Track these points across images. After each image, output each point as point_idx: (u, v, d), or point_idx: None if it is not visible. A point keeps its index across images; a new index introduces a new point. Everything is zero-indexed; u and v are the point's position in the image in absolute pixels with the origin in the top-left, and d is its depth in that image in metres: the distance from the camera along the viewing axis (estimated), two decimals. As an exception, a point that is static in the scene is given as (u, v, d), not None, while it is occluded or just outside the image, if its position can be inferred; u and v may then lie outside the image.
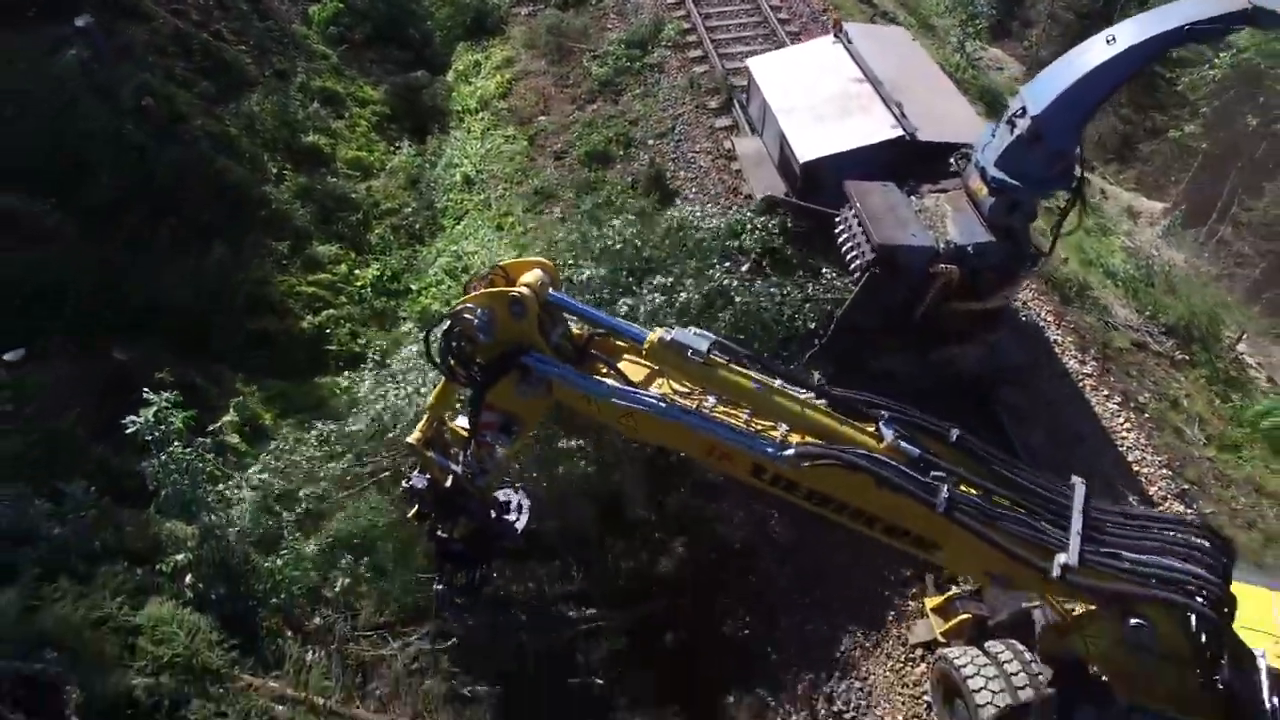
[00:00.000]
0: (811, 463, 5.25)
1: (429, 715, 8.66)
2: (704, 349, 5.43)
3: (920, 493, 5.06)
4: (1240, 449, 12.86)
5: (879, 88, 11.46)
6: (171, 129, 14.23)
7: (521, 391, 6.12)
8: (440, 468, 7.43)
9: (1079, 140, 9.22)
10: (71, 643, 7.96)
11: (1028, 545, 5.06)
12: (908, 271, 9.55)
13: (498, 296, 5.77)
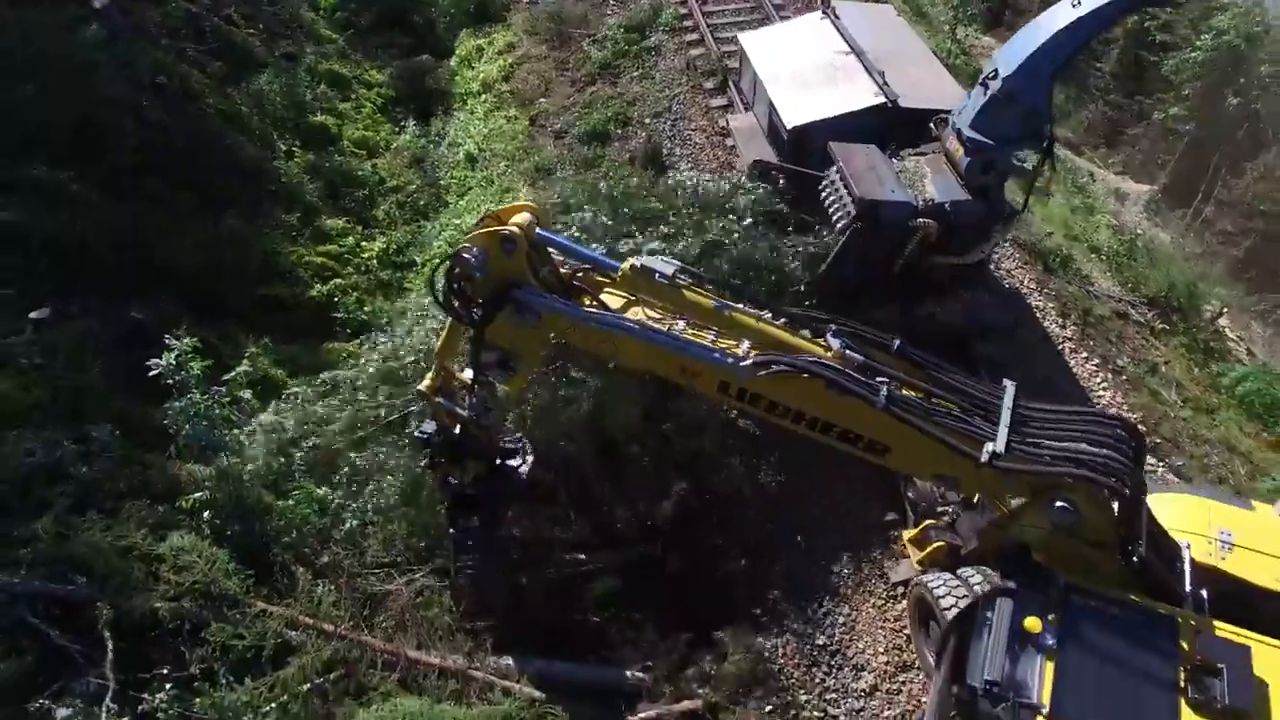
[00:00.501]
0: (767, 371, 5.81)
1: (432, 645, 9.14)
2: (669, 273, 6.13)
3: (862, 391, 5.62)
4: (1215, 412, 13.32)
5: (863, 58, 11.98)
6: (185, 107, 14.79)
7: (515, 322, 6.69)
8: (448, 413, 8.02)
9: (1048, 100, 9.72)
10: (100, 569, 8.51)
11: (960, 436, 5.61)
12: (888, 226, 10.04)
13: (490, 236, 6.41)
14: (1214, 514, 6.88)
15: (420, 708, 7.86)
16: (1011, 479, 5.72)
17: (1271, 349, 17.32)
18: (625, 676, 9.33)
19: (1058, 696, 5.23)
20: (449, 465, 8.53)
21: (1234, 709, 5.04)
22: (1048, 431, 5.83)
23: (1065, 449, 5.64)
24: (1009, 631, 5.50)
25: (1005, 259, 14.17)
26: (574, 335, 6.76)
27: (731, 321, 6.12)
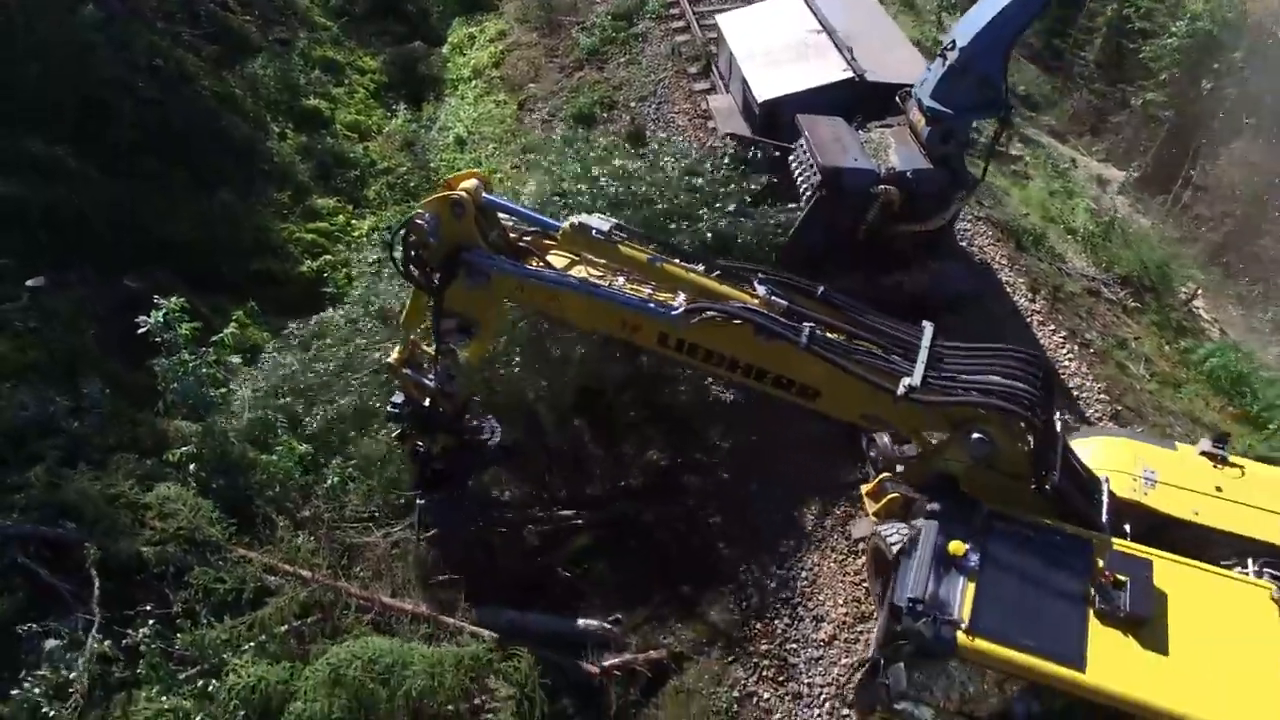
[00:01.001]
0: (699, 318, 6.15)
1: (406, 593, 9.51)
2: (605, 229, 6.54)
3: (786, 333, 6.00)
4: (1181, 386, 13.58)
5: (833, 36, 12.33)
6: (180, 88, 15.22)
7: (468, 285, 7.11)
8: (416, 384, 8.39)
9: (1003, 69, 10.05)
10: (89, 514, 8.92)
11: (879, 373, 5.99)
12: (851, 193, 10.38)
13: (440, 201, 6.86)
14: (1140, 454, 7.20)
15: (390, 646, 8.19)
16: (930, 413, 6.04)
17: (1246, 330, 17.53)
18: (593, 627, 9.65)
19: (976, 612, 5.53)
20: (418, 436, 8.95)
21: (1135, 616, 5.36)
22: (962, 366, 6.16)
23: (977, 382, 5.96)
24: (933, 553, 5.81)
25: (978, 235, 14.48)
26: (523, 295, 7.20)
27: (664, 273, 6.51)
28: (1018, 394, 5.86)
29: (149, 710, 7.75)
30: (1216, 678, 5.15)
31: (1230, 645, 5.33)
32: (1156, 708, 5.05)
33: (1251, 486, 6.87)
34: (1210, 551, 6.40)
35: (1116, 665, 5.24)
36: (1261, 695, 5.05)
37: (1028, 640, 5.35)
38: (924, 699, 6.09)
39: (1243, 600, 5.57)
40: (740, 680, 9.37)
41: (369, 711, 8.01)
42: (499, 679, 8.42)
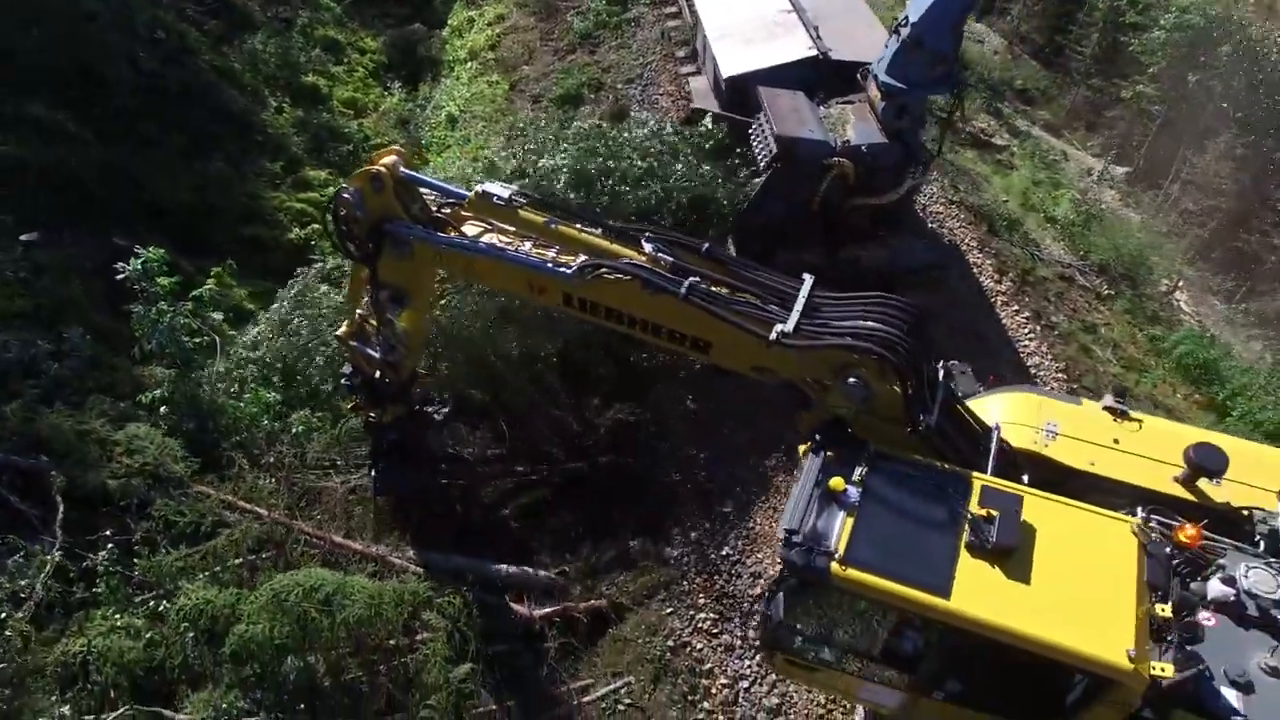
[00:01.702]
0: (592, 275, 6.54)
1: (358, 536, 9.91)
2: (506, 195, 7.02)
3: (668, 286, 6.33)
4: (1147, 371, 13.66)
5: (802, 15, 12.59)
6: (181, 59, 15.81)
7: (394, 256, 7.58)
8: (364, 356, 8.79)
9: (954, 44, 10.26)
10: (60, 447, 9.41)
11: (754, 320, 6.27)
12: (805, 163, 10.64)
13: (361, 175, 7.38)
14: (1044, 408, 7.38)
15: (332, 577, 8.58)
16: (807, 359, 6.28)
17: (1224, 323, 17.48)
18: (539, 576, 10.00)
19: (852, 543, 5.72)
20: (369, 406, 9.37)
21: (1001, 547, 5.56)
22: (836, 314, 6.39)
23: (848, 327, 6.19)
24: (813, 487, 6.02)
25: (949, 218, 14.66)
26: (444, 263, 7.63)
27: (560, 235, 6.91)
28: (883, 337, 6.07)
29: (103, 626, 8.19)
30: (1070, 603, 5.36)
31: (1088, 574, 5.52)
32: (1009, 630, 5.27)
33: (1147, 439, 7.04)
34: (1106, 500, 6.58)
35: (979, 593, 5.45)
36: (1110, 620, 5.25)
37: (898, 570, 5.56)
38: (817, 635, 6.37)
39: (1106, 533, 5.77)
40: (676, 631, 9.67)
41: (311, 638, 8.42)
42: (434, 613, 8.76)
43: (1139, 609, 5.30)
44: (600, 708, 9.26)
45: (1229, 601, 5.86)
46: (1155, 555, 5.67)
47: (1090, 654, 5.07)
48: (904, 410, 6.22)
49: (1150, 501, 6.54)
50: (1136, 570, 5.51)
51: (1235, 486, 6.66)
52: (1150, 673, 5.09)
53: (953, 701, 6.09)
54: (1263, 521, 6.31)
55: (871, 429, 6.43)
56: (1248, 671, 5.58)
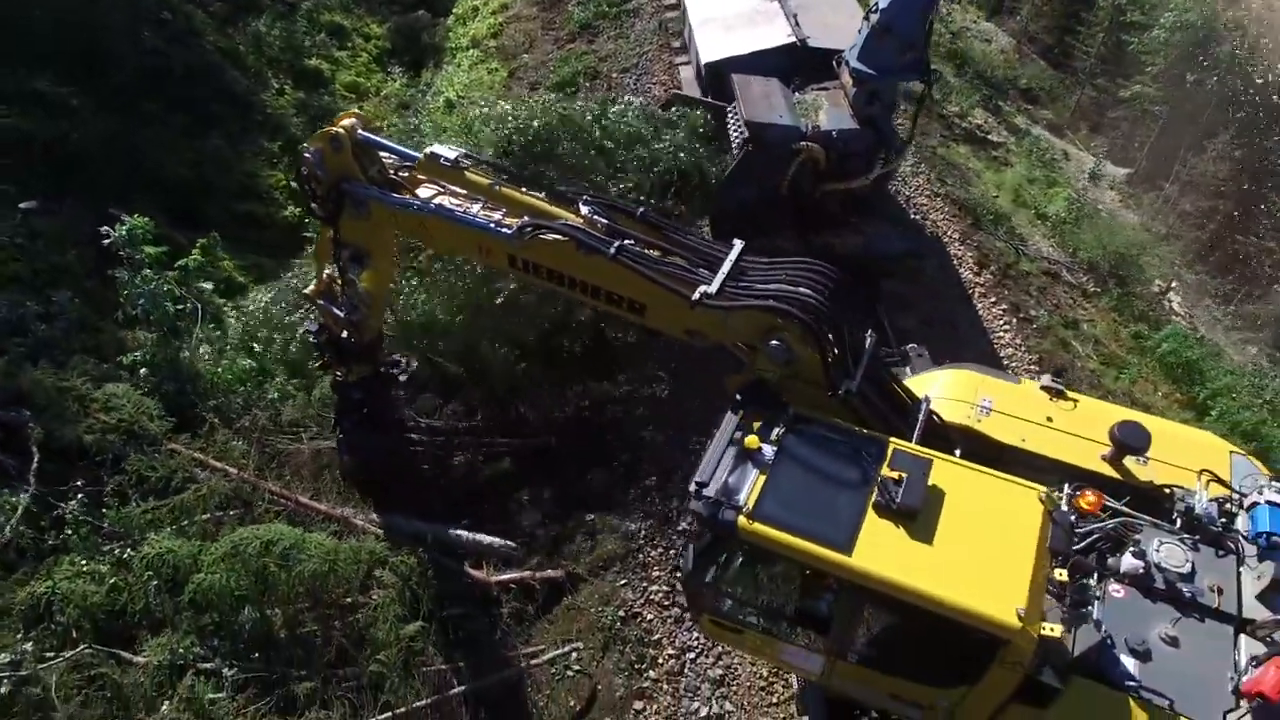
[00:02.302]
0: (531, 235, 6.73)
1: (323, 497, 10.18)
2: (453, 157, 7.27)
3: (599, 246, 6.50)
4: (1126, 368, 13.60)
5: (785, 4, 12.70)
6: (186, 40, 16.25)
7: (352, 216, 7.84)
8: (330, 315, 9.06)
9: (923, 31, 10.33)
10: (40, 402, 9.79)
11: (679, 281, 6.42)
12: (774, 147, 10.75)
13: (321, 135, 7.69)
14: (982, 386, 7.45)
15: (290, 532, 8.88)
16: (733, 321, 6.39)
17: (1214, 324, 17.31)
18: (498, 544, 10.22)
19: (761, 499, 5.84)
20: (335, 364, 9.62)
21: (905, 507, 5.65)
22: (760, 278, 6.51)
23: (770, 290, 6.31)
24: (727, 444, 6.16)
25: (933, 210, 14.69)
26: (398, 224, 7.85)
27: (503, 195, 7.14)
28: (802, 300, 6.18)
29: (70, 571, 8.53)
30: (968, 563, 5.44)
31: (990, 537, 5.60)
32: (905, 586, 5.38)
33: (1080, 418, 7.09)
34: (1036, 476, 6.66)
35: (880, 550, 5.55)
36: (1004, 580, 5.33)
37: (804, 526, 5.67)
38: (735, 594, 6.52)
39: (1013, 499, 5.85)
40: (629, 601, 9.84)
41: (270, 590, 8.72)
42: (388, 571, 9.01)
43: (1036, 572, 5.39)
44: (550, 673, 9.45)
45: (1138, 574, 5.96)
46: (1060, 523, 5.75)
47: (979, 610, 5.18)
48: (822, 374, 6.32)
49: (1078, 478, 6.62)
50: (1039, 536, 5.60)
51: (1161, 466, 6.73)
52: (1040, 633, 5.18)
53: (866, 665, 6.21)
54: (1181, 499, 6.37)
55: (797, 392, 6.55)
56: (1147, 641, 5.68)
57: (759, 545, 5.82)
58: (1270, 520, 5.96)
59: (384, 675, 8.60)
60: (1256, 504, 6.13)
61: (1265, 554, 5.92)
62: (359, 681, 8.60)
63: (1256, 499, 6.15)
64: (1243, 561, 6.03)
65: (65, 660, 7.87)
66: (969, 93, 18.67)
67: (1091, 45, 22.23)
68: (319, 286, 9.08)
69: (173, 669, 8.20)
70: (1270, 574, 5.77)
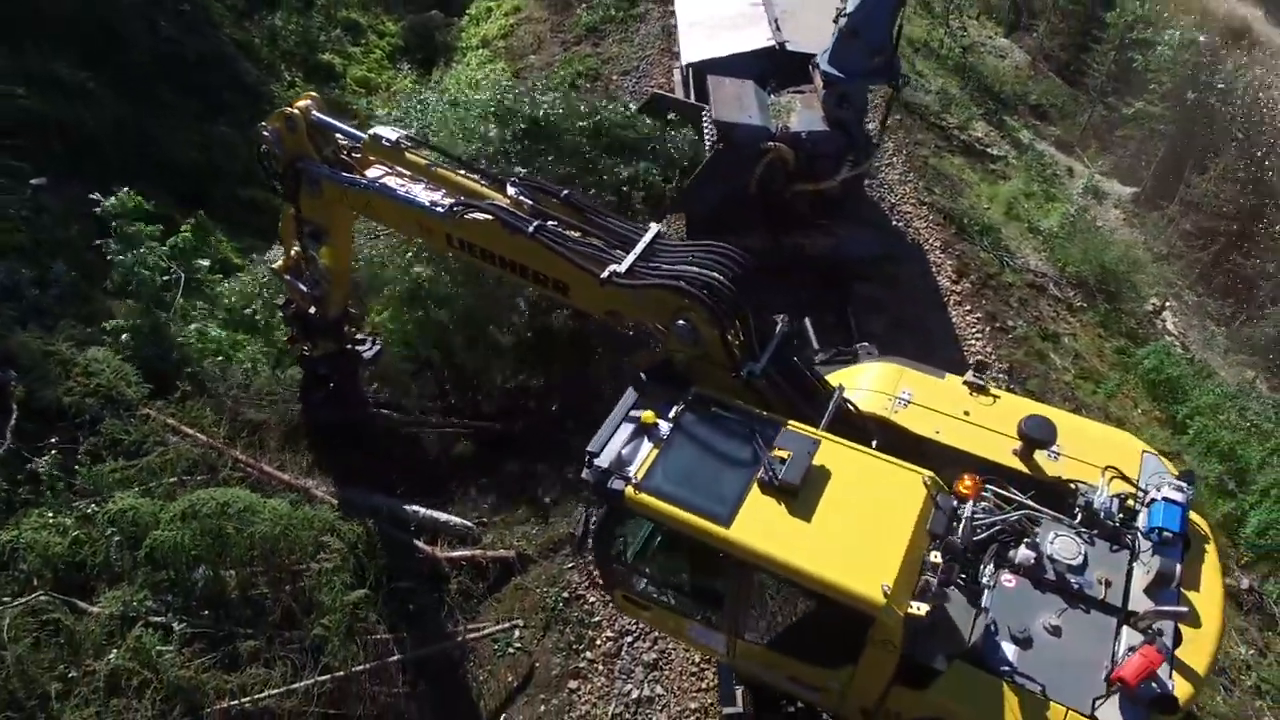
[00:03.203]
0: (461, 214, 7.03)
1: (290, 464, 10.54)
2: (394, 139, 7.60)
3: (520, 225, 6.77)
4: (1103, 382, 13.50)
5: (769, 9, 12.92)
6: (203, 30, 16.92)
7: (308, 193, 8.23)
8: (296, 290, 9.43)
9: (890, 35, 10.47)
10: (26, 363, 10.26)
11: (590, 259, 6.65)
12: (743, 147, 10.96)
13: (278, 115, 8.09)
14: (904, 379, 7.52)
15: (245, 496, 9.24)
16: (642, 301, 6.55)
17: (1216, 349, 17.04)
18: (453, 523, 10.50)
19: (650, 472, 6.01)
20: (301, 339, 10.02)
21: (785, 483, 5.76)
22: (670, 259, 6.66)
23: (678, 271, 6.45)
24: (623, 418, 6.36)
25: (917, 218, 14.74)
26: (349, 201, 8.19)
27: (436, 175, 7.48)
28: (704, 281, 6.31)
29: (38, 523, 8.96)
30: (843, 540, 5.55)
31: (869, 517, 5.72)
32: (776, 559, 5.51)
33: (998, 413, 7.13)
34: (947, 467, 6.77)
35: (758, 525, 5.68)
36: (876, 559, 5.43)
37: (688, 499, 5.83)
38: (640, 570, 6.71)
39: (897, 482, 5.95)
40: (574, 584, 10.05)
41: (225, 551, 9.08)
42: (336, 538, 9.33)
43: (909, 553, 5.51)
44: (492, 649, 9.69)
45: (1030, 565, 6.05)
46: (942, 507, 5.85)
47: (845, 585, 5.31)
48: (725, 355, 6.47)
49: (988, 472, 6.72)
50: (918, 518, 5.71)
51: (1072, 462, 6.80)
52: (906, 611, 5.29)
53: (762, 645, 6.35)
54: (1083, 495, 6.44)
55: (706, 374, 6.73)
56: (1031, 630, 5.76)
57: (644, 514, 6.01)
58: (1164, 516, 6.04)
59: (326, 639, 8.90)
60: (1154, 500, 6.18)
61: (1157, 549, 5.98)
62: (302, 644, 8.89)
63: (1155, 496, 6.20)
64: (1136, 556, 6.08)
65: (21, 605, 8.26)
66: (968, 105, 18.66)
67: (1103, 63, 22.09)
68: (286, 262, 9.47)
69: (125, 620, 8.54)
70: (1157, 568, 5.82)
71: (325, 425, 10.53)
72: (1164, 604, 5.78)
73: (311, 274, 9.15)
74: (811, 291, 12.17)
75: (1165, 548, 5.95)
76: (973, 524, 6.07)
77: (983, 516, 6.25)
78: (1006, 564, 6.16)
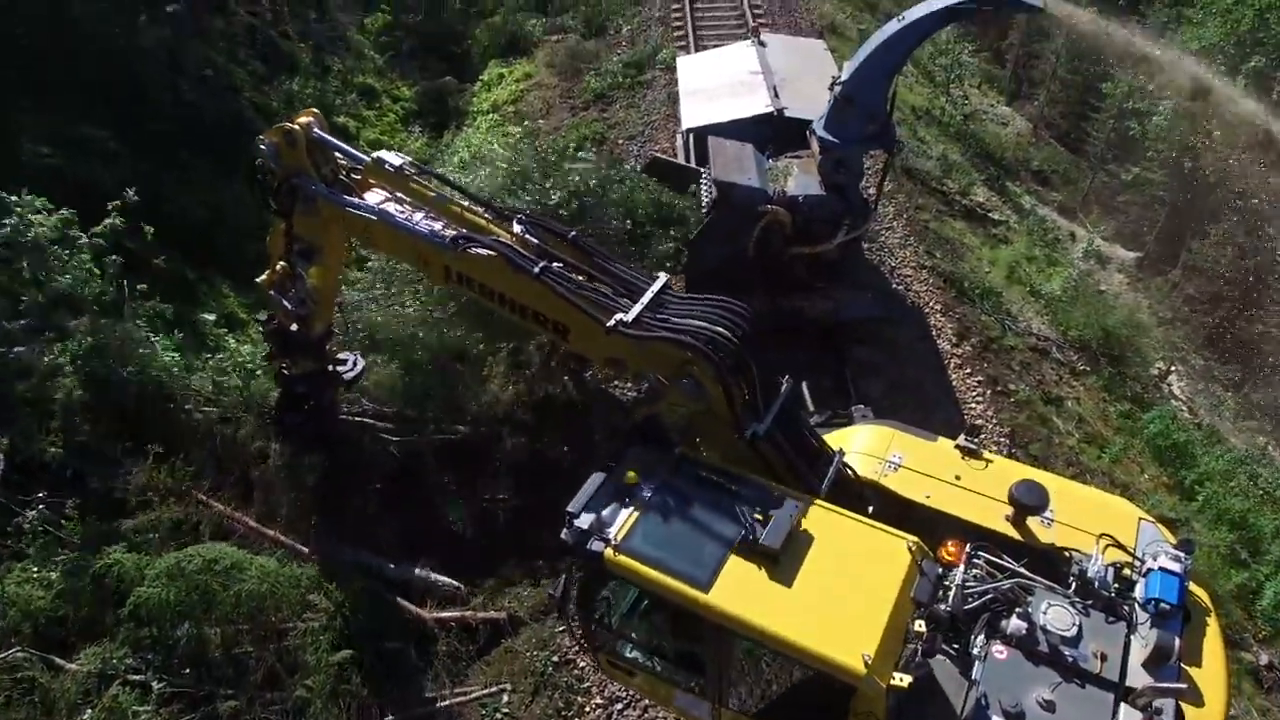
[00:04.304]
0: (464, 246, 6.94)
1: (275, 516, 10.40)
2: (398, 164, 7.49)
3: (525, 265, 6.68)
4: (1107, 446, 13.31)
5: (769, 76, 13.25)
6: (224, 95, 17.54)
7: (302, 211, 8.06)
8: (280, 306, 9.10)
9: (884, 102, 10.68)
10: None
11: (597, 307, 6.56)
12: (741, 208, 11.10)
13: (277, 130, 7.91)
14: (895, 441, 7.39)
15: (231, 552, 9.15)
16: (647, 353, 6.42)
17: (1226, 414, 16.82)
18: (442, 582, 10.32)
19: (630, 534, 5.90)
20: (281, 356, 9.67)
21: (765, 548, 5.63)
22: (678, 312, 6.58)
23: (685, 325, 6.37)
24: (606, 478, 6.23)
25: (916, 281, 14.78)
26: (345, 223, 8.03)
27: (444, 208, 7.36)
28: (710, 336, 6.18)
29: (21, 576, 8.89)
30: (824, 607, 5.40)
31: (852, 583, 5.57)
32: (755, 626, 5.35)
33: (989, 478, 6.97)
34: (938, 533, 6.63)
35: (738, 590, 5.53)
36: (858, 626, 5.26)
37: (667, 562, 5.71)
38: (622, 633, 6.55)
39: (881, 547, 5.82)
40: (564, 648, 9.80)
41: (210, 608, 8.95)
42: (322, 596, 9.18)
43: (892, 621, 5.35)
44: (480, 713, 9.42)
45: (1022, 635, 5.84)
46: (928, 574, 5.71)
47: (825, 654, 5.15)
48: (727, 413, 6.35)
49: (980, 538, 6.56)
50: (901, 585, 5.56)
51: (1066, 529, 6.64)
52: (889, 682, 5.11)
53: (744, 713, 6.14)
54: (1077, 563, 6.26)
55: (708, 430, 6.61)
56: (1023, 704, 5.53)
57: (623, 578, 5.89)
58: (1161, 587, 5.83)
59: (309, 701, 8.69)
60: (1151, 570, 6.00)
61: (1155, 621, 5.77)
62: (284, 705, 8.69)
63: (1151, 565, 6.02)
64: (1134, 629, 5.87)
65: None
66: (970, 170, 18.93)
67: (1102, 131, 22.46)
68: (271, 277, 9.06)
69: (103, 678, 8.39)
70: (1155, 641, 5.62)
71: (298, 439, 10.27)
72: (1164, 680, 5.55)
73: (297, 292, 8.84)
74: (809, 354, 12.15)
75: (1164, 620, 5.73)
76: (963, 592, 5.90)
77: (973, 584, 6.05)
78: (998, 634, 5.94)
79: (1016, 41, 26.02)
